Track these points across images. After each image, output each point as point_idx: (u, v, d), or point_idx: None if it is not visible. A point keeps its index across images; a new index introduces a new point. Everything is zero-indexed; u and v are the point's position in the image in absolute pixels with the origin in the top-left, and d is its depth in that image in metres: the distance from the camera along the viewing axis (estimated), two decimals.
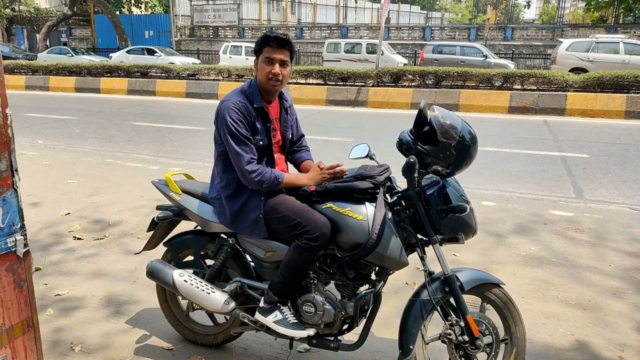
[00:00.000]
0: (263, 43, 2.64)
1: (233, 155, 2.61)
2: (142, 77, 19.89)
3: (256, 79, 2.74)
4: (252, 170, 2.57)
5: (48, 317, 3.44)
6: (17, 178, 1.91)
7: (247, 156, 2.59)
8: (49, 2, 44.45)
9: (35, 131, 10.45)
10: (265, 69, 2.64)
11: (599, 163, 7.97)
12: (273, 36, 2.62)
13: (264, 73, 2.64)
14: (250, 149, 2.61)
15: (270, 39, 2.62)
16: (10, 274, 1.96)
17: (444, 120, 2.44)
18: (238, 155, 2.59)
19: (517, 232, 5.03)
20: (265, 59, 2.64)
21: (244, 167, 2.58)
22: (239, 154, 2.58)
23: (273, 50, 2.63)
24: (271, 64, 2.63)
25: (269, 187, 2.61)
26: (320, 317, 2.63)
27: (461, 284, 2.53)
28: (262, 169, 2.59)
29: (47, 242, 4.68)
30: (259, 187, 2.61)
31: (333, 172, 2.64)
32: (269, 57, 2.63)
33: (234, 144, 2.59)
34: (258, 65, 2.68)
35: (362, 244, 2.46)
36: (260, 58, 2.66)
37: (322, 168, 2.68)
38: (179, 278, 2.81)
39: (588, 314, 3.56)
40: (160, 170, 7.17)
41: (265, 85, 2.67)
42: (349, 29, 32.69)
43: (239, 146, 2.59)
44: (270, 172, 2.61)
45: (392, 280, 3.67)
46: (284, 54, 2.65)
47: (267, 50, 2.63)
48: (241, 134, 2.59)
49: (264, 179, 2.58)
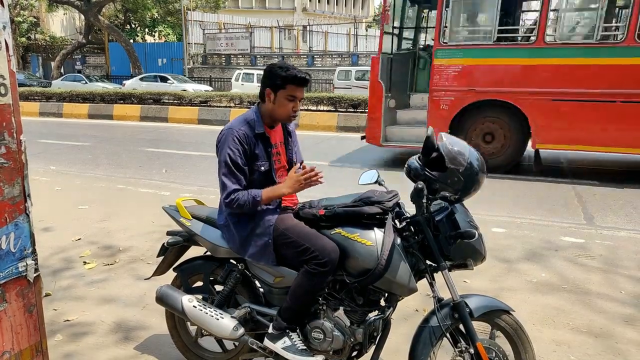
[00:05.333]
0: (288, 80, 2.65)
1: (220, 184, 2.67)
2: (155, 103, 20.11)
3: (259, 106, 2.78)
4: (230, 199, 2.62)
5: (57, 343, 3.44)
6: (29, 203, 1.95)
7: (231, 187, 2.63)
8: (64, 30, 45.34)
9: (48, 157, 10.57)
10: (287, 105, 2.69)
11: (610, 189, 7.92)
12: (301, 77, 2.65)
13: (287, 109, 2.70)
14: (237, 180, 2.65)
15: (296, 78, 2.64)
16: (20, 298, 1.98)
17: (452, 146, 2.46)
18: (222, 186, 2.65)
19: (528, 259, 4.99)
20: (288, 96, 2.67)
21: (223, 198, 2.64)
22: (224, 184, 2.64)
23: (297, 89, 2.68)
24: (293, 101, 2.69)
25: (251, 208, 2.64)
26: (329, 344, 2.61)
27: (471, 310, 2.51)
28: (237, 194, 2.62)
29: (58, 268, 4.70)
30: (241, 211, 2.66)
31: (308, 177, 2.62)
32: (293, 95, 2.68)
33: (222, 173, 2.65)
34: (277, 100, 2.69)
35: (370, 269, 2.46)
36: (283, 94, 2.67)
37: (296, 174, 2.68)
38: (187, 304, 2.82)
39: (600, 342, 3.51)
40: (171, 196, 7.21)
41: (286, 120, 2.76)
42: (359, 56, 32.95)
43: (227, 176, 2.64)
44: (247, 193, 2.63)
45: (402, 307, 3.65)
46: (303, 92, 2.74)
47: (292, 88, 2.66)
48: (235, 163, 2.63)
49: (241, 202, 2.61)
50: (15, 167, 1.87)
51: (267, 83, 2.70)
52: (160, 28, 41.00)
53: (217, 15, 40.00)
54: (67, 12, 42.54)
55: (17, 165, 1.88)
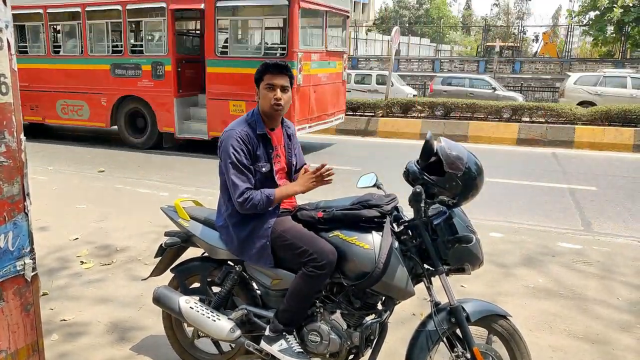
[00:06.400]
0: (263, 71, 2.72)
1: (230, 185, 2.66)
2: None
3: (258, 107, 2.79)
4: (244, 199, 2.61)
5: (53, 343, 3.43)
6: (28, 202, 1.95)
7: (242, 186, 2.62)
8: None
9: (46, 156, 10.55)
10: (268, 95, 2.70)
11: (607, 196, 7.93)
12: (272, 63, 2.71)
13: (267, 99, 2.70)
14: (247, 178, 2.65)
15: (270, 66, 2.70)
16: (17, 297, 1.98)
17: (450, 151, 2.47)
18: (234, 185, 2.63)
19: (525, 264, 5.00)
20: (267, 86, 2.70)
21: (236, 198, 2.63)
22: (235, 184, 2.63)
23: (273, 77, 2.70)
24: (273, 90, 2.70)
25: (264, 207, 2.65)
26: (326, 347, 2.61)
27: (467, 315, 2.51)
28: (251, 194, 2.62)
29: (54, 267, 4.70)
30: (255, 211, 2.64)
31: (320, 175, 2.66)
32: (270, 84, 2.70)
33: (232, 174, 2.64)
34: (260, 93, 2.74)
35: (368, 272, 2.46)
36: (262, 85, 2.72)
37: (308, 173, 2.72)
38: (185, 305, 2.82)
39: (596, 348, 3.52)
40: (169, 196, 7.20)
41: (269, 110, 2.73)
42: (359, 60, 33.01)
43: (237, 176, 2.63)
44: (260, 193, 2.64)
45: (399, 311, 3.65)
46: (284, 80, 2.73)
47: (267, 77, 2.70)
48: (241, 163, 2.63)
49: (255, 202, 2.61)
50: (15, 165, 1.87)
51: (255, 82, 2.77)
52: None
53: None
54: None
55: (17, 164, 1.88)
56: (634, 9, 25.93)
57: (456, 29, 66.03)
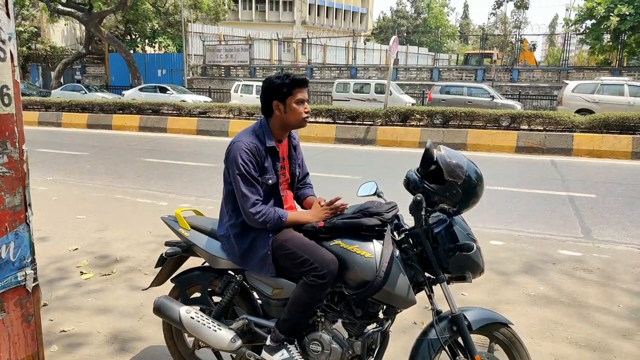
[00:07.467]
0: (294, 85, 2.69)
1: (239, 196, 2.65)
2: (154, 114, 20.13)
3: (265, 119, 2.79)
4: (257, 212, 2.61)
5: (52, 354, 3.42)
6: (30, 213, 1.95)
7: (253, 197, 2.62)
8: (64, 40, 45.47)
9: (46, 166, 10.56)
10: (299, 109, 2.71)
11: (607, 203, 7.94)
12: (300, 78, 2.71)
13: (299, 113, 2.72)
14: (256, 190, 2.65)
15: (299, 81, 2.70)
16: (18, 308, 1.97)
17: (450, 159, 2.47)
18: (244, 197, 2.63)
19: (526, 272, 5.00)
20: (297, 101, 2.70)
21: (248, 209, 2.62)
22: (245, 195, 2.62)
23: (303, 91, 2.72)
24: (303, 104, 2.72)
25: (273, 227, 2.65)
26: (327, 356, 2.61)
27: (469, 323, 2.51)
28: (266, 210, 2.63)
29: (54, 277, 4.69)
30: (263, 227, 2.65)
31: (334, 208, 2.69)
32: (302, 99, 2.72)
33: (242, 185, 2.63)
34: (288, 108, 2.71)
35: (369, 281, 2.46)
36: (291, 100, 2.70)
37: (322, 205, 2.72)
38: (185, 315, 2.81)
39: (598, 355, 3.51)
40: (169, 206, 7.21)
41: (299, 124, 2.76)
42: (358, 69, 33.10)
43: (247, 187, 2.63)
44: (274, 211, 2.65)
45: (400, 319, 3.64)
46: (306, 93, 2.77)
47: (298, 92, 2.70)
48: (250, 175, 2.63)
49: (267, 219, 2.62)
50: (17, 176, 1.87)
51: (272, 96, 2.72)
52: (161, 39, 41.11)
53: (217, 27, 40.16)
54: (68, 23, 42.68)
55: (19, 175, 1.88)
56: (630, 18, 26.02)
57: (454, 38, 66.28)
